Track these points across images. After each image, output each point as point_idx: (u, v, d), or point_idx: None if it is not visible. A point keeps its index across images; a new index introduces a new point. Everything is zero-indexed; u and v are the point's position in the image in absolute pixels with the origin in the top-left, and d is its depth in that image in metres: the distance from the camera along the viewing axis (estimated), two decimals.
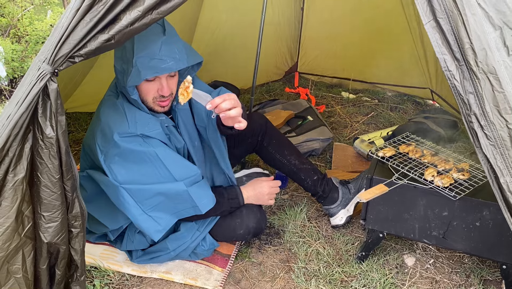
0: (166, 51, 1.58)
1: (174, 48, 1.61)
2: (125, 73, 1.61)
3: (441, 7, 1.24)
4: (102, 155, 1.68)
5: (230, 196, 1.90)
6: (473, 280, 1.93)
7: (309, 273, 1.95)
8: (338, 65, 3.94)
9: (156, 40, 1.57)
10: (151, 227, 1.74)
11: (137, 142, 1.67)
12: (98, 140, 1.69)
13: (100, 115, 1.72)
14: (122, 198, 1.69)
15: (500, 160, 1.28)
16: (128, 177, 1.69)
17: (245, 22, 3.35)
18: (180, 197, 1.73)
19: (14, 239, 1.37)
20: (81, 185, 1.81)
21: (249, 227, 1.95)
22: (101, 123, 1.69)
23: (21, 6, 4.11)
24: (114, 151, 1.67)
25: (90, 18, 1.24)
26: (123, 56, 1.62)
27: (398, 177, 1.80)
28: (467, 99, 1.29)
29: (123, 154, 1.67)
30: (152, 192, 1.70)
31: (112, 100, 1.74)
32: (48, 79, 1.26)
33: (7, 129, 1.28)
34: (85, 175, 1.81)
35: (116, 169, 1.68)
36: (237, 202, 1.92)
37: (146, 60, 1.56)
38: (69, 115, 3.12)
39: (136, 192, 1.70)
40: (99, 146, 1.69)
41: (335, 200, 2.18)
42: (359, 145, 2.84)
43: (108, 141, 1.67)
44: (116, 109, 1.70)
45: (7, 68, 3.41)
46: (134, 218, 1.72)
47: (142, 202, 1.71)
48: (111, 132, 1.66)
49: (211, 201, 1.79)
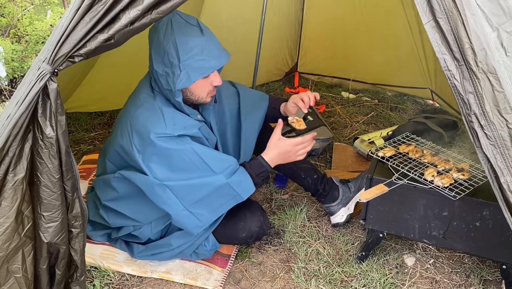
0: (208, 51, 1.66)
1: (213, 47, 1.69)
2: (171, 77, 1.67)
3: (441, 7, 1.24)
4: (140, 155, 1.71)
5: (256, 170, 1.84)
6: (473, 280, 1.93)
7: (309, 273, 1.95)
8: (338, 65, 3.94)
9: (197, 42, 1.64)
10: (192, 223, 1.77)
11: (174, 141, 1.70)
12: (134, 141, 1.72)
13: (136, 117, 1.74)
14: (164, 195, 1.72)
15: (500, 159, 1.28)
16: (167, 175, 1.72)
17: (245, 22, 3.35)
18: (222, 189, 1.75)
19: (14, 239, 1.37)
20: (112, 186, 1.84)
21: (252, 231, 1.95)
22: (137, 124, 1.72)
23: (21, 6, 4.11)
24: (151, 150, 1.70)
25: (90, 18, 1.24)
26: (165, 61, 1.66)
27: (398, 177, 1.80)
28: (467, 99, 1.29)
29: (160, 152, 1.70)
30: (193, 186, 1.73)
31: (149, 103, 1.76)
32: (48, 79, 1.26)
33: (7, 129, 1.28)
34: (118, 176, 1.82)
35: (155, 167, 1.71)
36: (265, 172, 1.86)
37: (192, 63, 1.64)
38: (69, 115, 3.12)
39: (177, 188, 1.72)
40: (135, 146, 1.71)
41: (336, 198, 2.18)
42: (359, 145, 2.84)
43: (145, 141, 1.70)
44: (153, 111, 1.74)
45: (7, 68, 3.42)
46: (176, 214, 1.74)
47: (184, 198, 1.73)
48: (147, 132, 1.68)
49: (251, 186, 1.80)
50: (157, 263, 1.95)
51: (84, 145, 2.89)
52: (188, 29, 1.66)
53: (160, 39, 1.65)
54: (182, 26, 1.66)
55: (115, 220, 1.93)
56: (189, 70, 1.64)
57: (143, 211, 1.86)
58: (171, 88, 1.69)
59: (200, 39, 1.65)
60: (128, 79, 3.03)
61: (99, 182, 1.95)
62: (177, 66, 1.64)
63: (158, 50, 1.67)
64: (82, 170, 2.58)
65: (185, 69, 1.64)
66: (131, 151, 1.72)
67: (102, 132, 3.05)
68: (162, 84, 1.72)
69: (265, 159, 1.85)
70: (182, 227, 1.81)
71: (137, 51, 2.83)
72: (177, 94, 1.70)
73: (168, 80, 1.68)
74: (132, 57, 2.87)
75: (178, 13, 1.70)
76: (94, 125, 3.13)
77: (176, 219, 1.77)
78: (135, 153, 1.71)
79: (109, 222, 1.94)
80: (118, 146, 1.80)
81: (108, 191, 1.89)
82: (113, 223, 1.94)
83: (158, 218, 1.89)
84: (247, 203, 1.97)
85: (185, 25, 1.67)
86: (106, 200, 1.90)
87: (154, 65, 1.70)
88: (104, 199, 1.91)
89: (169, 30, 1.65)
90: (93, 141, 2.95)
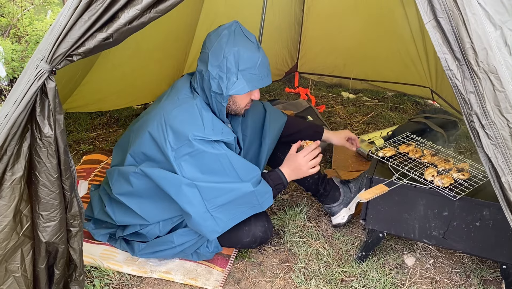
0: (262, 66, 1.77)
1: (266, 63, 1.80)
2: (224, 82, 1.73)
3: (442, 6, 1.24)
4: (173, 152, 1.75)
5: (275, 182, 1.93)
6: (473, 280, 1.93)
7: (309, 273, 1.94)
8: (339, 64, 3.93)
9: (254, 57, 1.74)
10: (210, 226, 1.79)
11: (210, 145, 1.77)
12: (169, 137, 1.75)
13: (174, 115, 1.78)
14: (190, 195, 1.75)
15: (501, 159, 1.28)
16: (197, 175, 1.76)
17: (245, 23, 3.34)
18: (246, 197, 1.81)
19: (12, 238, 1.37)
20: (129, 180, 1.85)
21: (256, 236, 1.95)
22: (175, 123, 1.76)
23: (21, 6, 4.11)
24: (186, 150, 1.74)
25: (88, 17, 1.23)
26: (221, 66, 1.72)
27: (398, 177, 1.79)
28: (468, 98, 1.29)
29: (195, 153, 1.75)
30: (221, 190, 1.78)
31: (189, 104, 1.81)
32: (46, 78, 1.26)
33: (5, 128, 1.27)
34: (138, 172, 1.83)
35: (186, 166, 1.75)
36: (282, 185, 1.94)
37: (248, 74, 1.74)
38: (69, 115, 3.12)
39: (206, 189, 1.76)
40: (170, 142, 1.75)
41: (337, 198, 2.18)
42: (359, 144, 2.83)
43: (182, 140, 1.74)
44: (193, 113, 1.79)
45: (7, 68, 3.41)
46: (197, 214, 1.77)
47: (209, 200, 1.77)
48: (185, 132, 1.74)
49: (271, 197, 1.88)
50: (157, 263, 1.95)
51: (84, 145, 2.88)
52: (248, 43, 1.75)
53: (222, 46, 1.72)
54: (244, 40, 1.75)
55: (121, 217, 1.92)
56: (246, 80, 1.73)
57: (154, 210, 1.87)
58: (222, 92, 1.74)
59: (257, 55, 1.75)
60: (128, 79, 3.04)
61: (114, 172, 1.93)
62: (235, 73, 1.72)
63: (217, 54, 1.73)
64: (82, 170, 2.58)
65: (242, 78, 1.72)
66: (164, 145, 1.75)
67: (102, 132, 3.05)
68: (211, 87, 1.76)
69: (283, 172, 1.94)
70: (199, 229, 1.82)
71: (137, 52, 2.84)
72: (226, 99, 1.77)
73: (221, 84, 1.74)
74: (132, 58, 2.87)
75: (240, 26, 1.79)
76: (94, 125, 3.13)
77: (196, 220, 1.78)
78: (168, 150, 1.75)
79: (114, 220, 1.93)
80: (147, 133, 1.81)
81: (123, 184, 1.88)
82: (118, 221, 1.93)
83: (168, 218, 1.90)
84: None
85: (246, 40, 1.76)
86: (118, 192, 1.89)
87: (209, 67, 1.74)
88: (116, 191, 1.90)
89: (232, 38, 1.73)
90: (93, 141, 2.95)
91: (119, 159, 1.98)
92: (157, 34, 2.78)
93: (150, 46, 2.85)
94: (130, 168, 1.86)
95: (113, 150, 2.05)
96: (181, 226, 1.92)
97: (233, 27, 1.77)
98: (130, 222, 1.92)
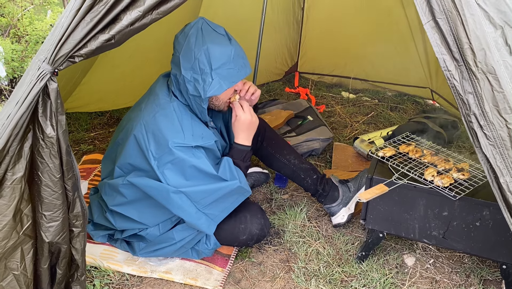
0: (236, 59, 1.71)
1: (240, 56, 1.73)
2: (200, 84, 1.69)
3: (440, 7, 1.25)
4: (155, 161, 1.73)
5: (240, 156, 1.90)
6: (473, 280, 1.94)
7: (309, 273, 1.95)
8: (339, 64, 3.93)
9: (227, 50, 1.69)
10: (204, 223, 1.81)
11: (191, 152, 1.74)
12: (150, 146, 1.74)
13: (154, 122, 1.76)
14: (179, 201, 1.75)
15: (500, 159, 1.28)
16: (182, 182, 1.75)
17: (244, 22, 3.35)
18: (234, 191, 1.82)
19: (11, 237, 1.37)
20: (121, 192, 1.85)
21: (252, 233, 1.95)
22: (155, 130, 1.74)
23: (21, 6, 4.10)
24: (167, 158, 1.72)
25: (91, 18, 1.24)
26: (194, 68, 1.68)
27: (398, 177, 1.80)
28: (466, 99, 1.29)
29: (176, 161, 1.73)
30: (208, 191, 1.78)
31: (167, 108, 1.78)
32: (48, 79, 1.27)
33: (8, 129, 1.28)
34: (126, 183, 1.83)
35: (169, 174, 1.73)
36: (246, 153, 1.91)
37: (223, 71, 1.68)
38: (69, 115, 3.12)
39: (193, 193, 1.76)
40: (151, 152, 1.74)
41: (336, 198, 2.18)
42: (359, 144, 2.84)
43: (162, 149, 1.72)
44: (172, 117, 1.76)
45: (7, 68, 3.41)
46: (190, 217, 1.78)
47: (198, 202, 1.78)
48: (165, 140, 1.72)
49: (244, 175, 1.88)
50: (157, 263, 1.95)
51: (84, 145, 2.89)
52: (217, 38, 1.70)
53: (191, 47, 1.67)
54: (212, 35, 1.69)
55: (122, 223, 1.93)
56: (221, 79, 1.68)
57: (151, 214, 1.88)
58: (199, 94, 1.71)
59: (229, 48, 1.69)
60: (128, 80, 3.05)
61: (105, 186, 1.94)
62: (209, 74, 1.67)
63: (187, 57, 1.68)
64: (82, 169, 2.59)
65: (217, 77, 1.68)
66: (147, 155, 1.74)
67: (102, 132, 3.05)
68: (188, 90, 1.73)
69: (239, 143, 1.91)
70: (196, 228, 1.85)
71: (137, 52, 2.84)
72: (205, 101, 1.73)
73: (197, 86, 1.70)
74: (131, 58, 2.87)
75: (207, 21, 1.73)
76: (94, 125, 3.13)
77: (190, 220, 1.79)
78: (151, 159, 1.74)
79: (115, 226, 1.94)
80: (131, 144, 1.80)
81: (116, 196, 1.88)
82: (119, 226, 1.94)
83: (167, 219, 1.91)
84: (248, 205, 1.99)
85: (215, 34, 1.70)
86: (113, 205, 1.90)
87: (182, 71, 1.71)
88: (111, 204, 1.90)
89: (200, 38, 1.67)
90: (93, 141, 2.95)
91: (107, 171, 1.98)
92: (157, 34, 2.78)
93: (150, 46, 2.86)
94: (118, 180, 1.86)
95: (102, 162, 2.05)
96: (180, 222, 1.92)
97: (199, 23, 1.71)
98: (131, 227, 1.93)
